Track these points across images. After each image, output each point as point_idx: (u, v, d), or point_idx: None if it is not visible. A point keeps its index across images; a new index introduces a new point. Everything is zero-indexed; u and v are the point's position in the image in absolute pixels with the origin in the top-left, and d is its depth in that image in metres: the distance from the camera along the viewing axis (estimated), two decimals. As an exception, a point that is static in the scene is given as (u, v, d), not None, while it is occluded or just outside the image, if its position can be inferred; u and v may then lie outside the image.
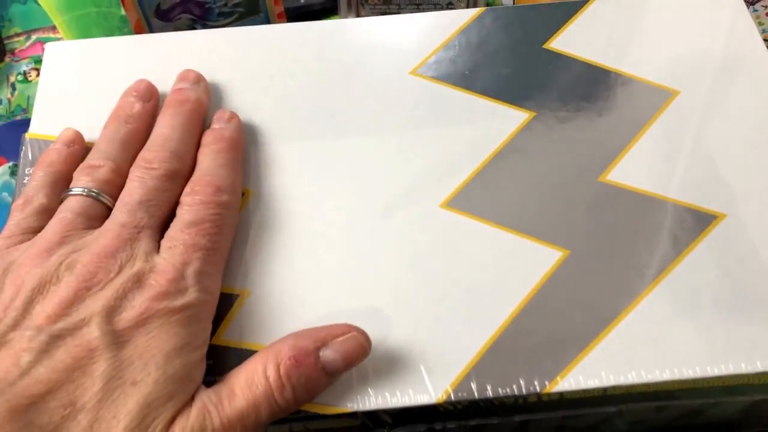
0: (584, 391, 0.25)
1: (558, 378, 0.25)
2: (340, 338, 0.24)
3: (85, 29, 0.42)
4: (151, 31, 0.40)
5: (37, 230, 0.26)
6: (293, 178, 0.30)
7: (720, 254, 0.27)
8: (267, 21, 0.41)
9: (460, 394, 0.25)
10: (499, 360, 0.25)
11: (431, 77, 0.32)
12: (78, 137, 0.30)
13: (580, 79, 0.32)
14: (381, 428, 0.26)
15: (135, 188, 0.26)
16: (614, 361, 0.25)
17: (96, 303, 0.23)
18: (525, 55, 0.33)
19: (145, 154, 0.27)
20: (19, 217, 0.27)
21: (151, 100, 0.30)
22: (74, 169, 0.28)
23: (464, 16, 0.34)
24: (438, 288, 0.27)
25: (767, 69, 0.32)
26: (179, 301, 0.23)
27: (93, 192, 0.27)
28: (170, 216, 0.26)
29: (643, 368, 0.25)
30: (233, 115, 0.30)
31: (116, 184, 0.27)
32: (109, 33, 0.42)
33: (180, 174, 0.27)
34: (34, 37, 0.48)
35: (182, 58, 0.33)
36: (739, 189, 0.29)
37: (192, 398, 0.23)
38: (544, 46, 0.33)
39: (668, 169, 0.30)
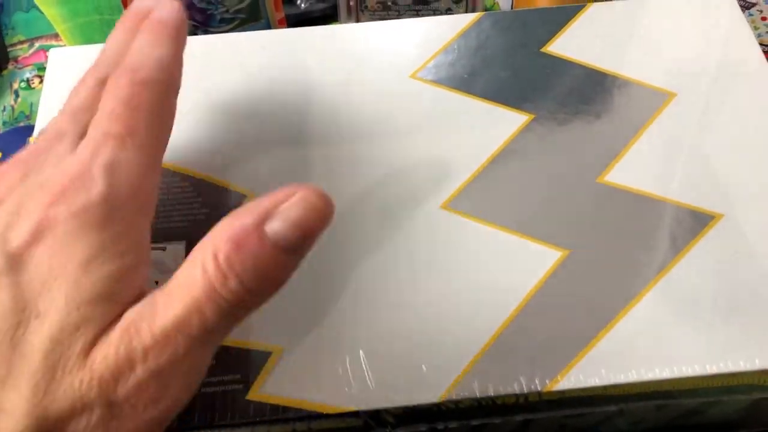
0: (585, 389, 0.25)
1: (558, 377, 0.25)
2: (286, 204, 0.19)
3: (87, 36, 0.42)
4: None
5: None
6: (294, 180, 0.30)
7: (718, 253, 0.28)
8: (268, 27, 0.42)
9: (461, 393, 0.25)
10: (500, 359, 0.26)
11: (431, 81, 0.33)
12: None
13: (578, 82, 0.32)
14: (383, 428, 0.27)
15: (67, 101, 0.24)
16: (614, 359, 0.26)
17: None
18: (523, 58, 0.33)
19: None
20: None
21: None
22: None
23: (463, 20, 0.35)
24: (438, 288, 0.27)
25: (762, 72, 0.32)
26: (81, 198, 0.19)
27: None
28: None
29: (643, 366, 0.25)
30: None
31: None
32: (112, 40, 0.42)
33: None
34: (37, 44, 0.48)
35: (183, 62, 0.34)
36: (736, 189, 0.29)
37: (118, 318, 0.19)
38: (542, 50, 0.33)
39: (666, 169, 0.30)
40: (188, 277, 0.19)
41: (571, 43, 0.34)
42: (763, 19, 0.44)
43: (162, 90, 0.23)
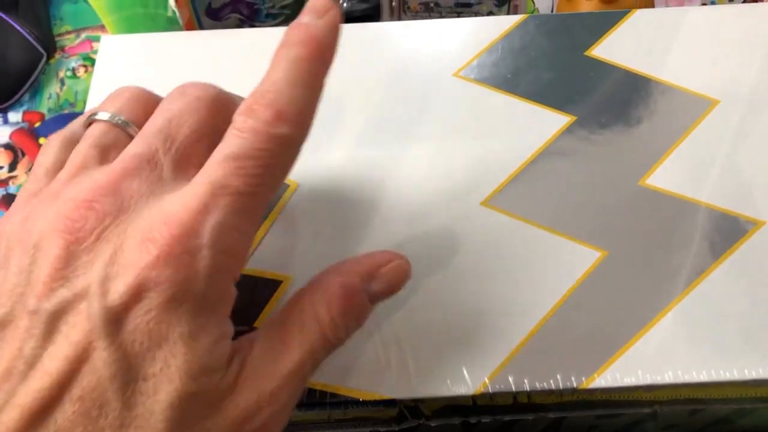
0: (621, 388, 0.25)
1: (595, 375, 0.25)
2: (385, 269, 0.23)
3: (132, 29, 0.43)
4: (201, 29, 0.41)
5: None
6: (338, 173, 0.30)
7: (759, 260, 0.28)
8: (311, 24, 0.42)
9: (497, 387, 0.25)
10: (537, 355, 0.26)
11: (474, 79, 0.33)
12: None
13: (621, 86, 0.33)
14: (417, 419, 0.27)
15: (156, 114, 0.22)
16: (651, 360, 0.26)
17: (91, 264, 0.18)
18: (567, 61, 0.33)
19: None
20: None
21: None
22: None
23: (507, 22, 0.35)
24: (478, 283, 0.27)
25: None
26: (186, 267, 0.18)
27: (119, 120, 0.22)
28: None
29: (680, 368, 0.25)
30: (330, 6, 0.21)
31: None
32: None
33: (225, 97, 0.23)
34: (83, 35, 0.49)
35: (230, 55, 0.34)
36: (779, 197, 0.29)
37: (236, 371, 0.19)
38: (586, 54, 0.34)
39: (707, 175, 0.30)
40: (304, 327, 0.21)
41: (615, 48, 0.34)
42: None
43: (296, 151, 0.21)
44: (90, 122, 0.22)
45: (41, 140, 0.44)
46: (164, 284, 0.18)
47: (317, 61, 0.21)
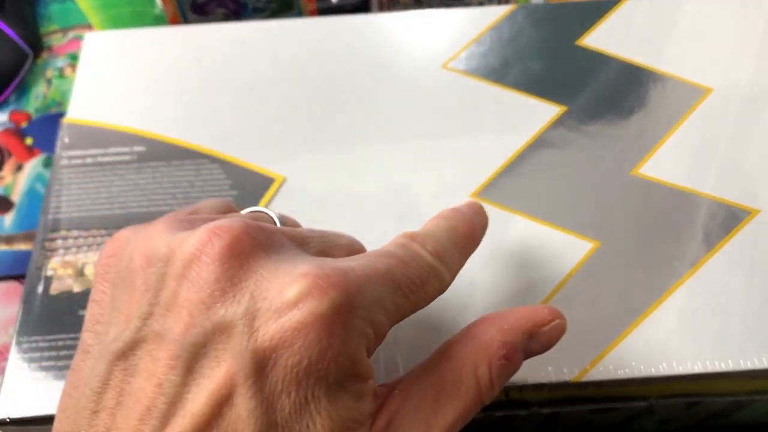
0: (614, 381, 0.25)
1: (588, 366, 0.25)
2: (546, 328, 0.21)
3: (119, 27, 0.43)
4: (187, 23, 0.40)
5: None
6: (325, 167, 0.30)
7: (753, 249, 0.27)
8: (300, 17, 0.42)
9: (488, 381, 0.25)
10: (529, 348, 0.25)
11: (463, 71, 0.32)
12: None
13: (613, 75, 0.32)
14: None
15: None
16: (645, 351, 0.25)
17: (238, 298, 0.17)
18: (557, 51, 0.33)
19: None
20: None
21: None
22: None
23: (496, 12, 0.34)
24: (469, 276, 0.27)
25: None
26: (335, 329, 0.17)
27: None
28: None
29: (675, 359, 0.25)
30: (481, 210, 0.24)
31: None
32: (144, 30, 0.43)
33: None
34: (70, 34, 0.49)
35: (215, 48, 0.34)
36: (774, 185, 0.29)
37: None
38: (577, 43, 0.33)
39: (701, 164, 0.29)
40: (460, 385, 0.19)
41: (607, 37, 0.33)
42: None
43: (434, 295, 0.21)
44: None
45: (28, 140, 0.43)
46: (311, 326, 0.16)
47: (470, 238, 0.23)
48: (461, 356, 0.20)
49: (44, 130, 0.44)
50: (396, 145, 0.30)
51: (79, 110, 0.32)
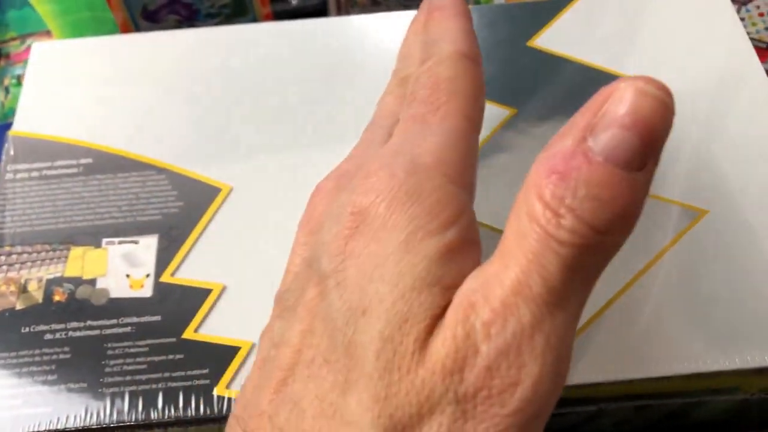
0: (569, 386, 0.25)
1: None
2: (607, 105, 0.15)
3: (78, 33, 0.42)
4: (138, 31, 0.40)
5: None
6: (273, 175, 0.30)
7: (702, 249, 0.27)
8: (254, 22, 0.41)
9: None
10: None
11: (413, 75, 0.32)
12: None
13: (564, 76, 0.32)
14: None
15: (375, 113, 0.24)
16: (591, 357, 0.25)
17: (319, 228, 0.19)
18: (508, 52, 0.33)
19: None
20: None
21: None
22: None
23: (448, 14, 0.34)
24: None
25: (752, 69, 0.32)
26: (386, 182, 0.17)
27: None
28: None
29: (620, 364, 0.25)
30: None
31: None
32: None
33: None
34: (29, 41, 0.48)
35: (167, 56, 0.33)
36: (722, 185, 0.29)
37: (448, 302, 0.16)
38: (528, 44, 0.33)
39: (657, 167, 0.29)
40: (516, 233, 0.15)
41: (559, 37, 0.33)
42: (761, 15, 0.43)
43: (478, 64, 0.21)
44: None
45: (-14, 150, 0.43)
46: (371, 205, 0.17)
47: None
48: (515, 209, 0.16)
49: (3, 140, 0.43)
50: (346, 152, 0.30)
51: (26, 122, 0.32)
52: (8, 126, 0.44)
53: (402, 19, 0.34)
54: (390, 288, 0.16)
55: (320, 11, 0.43)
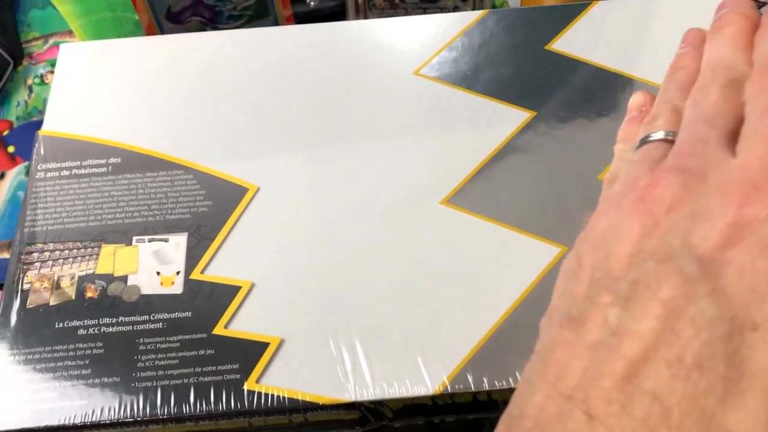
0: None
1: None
2: None
3: (100, 33, 0.43)
4: (162, 33, 0.40)
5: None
6: (298, 175, 0.30)
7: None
8: (276, 24, 0.42)
9: (456, 386, 0.25)
10: (496, 353, 0.26)
11: (434, 77, 0.33)
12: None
13: (581, 79, 0.32)
14: (380, 421, 0.27)
15: (690, 108, 0.23)
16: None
17: (668, 231, 0.18)
18: (527, 56, 0.33)
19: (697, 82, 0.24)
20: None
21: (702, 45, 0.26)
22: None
23: (467, 18, 0.35)
24: (437, 281, 0.27)
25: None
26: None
27: (668, 133, 0.23)
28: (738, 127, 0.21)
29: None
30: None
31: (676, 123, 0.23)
32: (123, 37, 0.43)
33: (740, 81, 0.23)
34: (51, 41, 0.49)
35: (191, 58, 0.34)
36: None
37: None
38: (546, 48, 0.33)
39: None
40: None
41: (576, 41, 0.34)
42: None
43: None
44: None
45: (10, 148, 0.44)
46: (759, 219, 0.17)
47: None
48: None
49: (26, 138, 0.44)
50: (368, 152, 0.31)
51: (55, 122, 0.32)
52: (32, 124, 0.45)
53: (419, 23, 0.35)
54: None
55: (339, 13, 0.43)
